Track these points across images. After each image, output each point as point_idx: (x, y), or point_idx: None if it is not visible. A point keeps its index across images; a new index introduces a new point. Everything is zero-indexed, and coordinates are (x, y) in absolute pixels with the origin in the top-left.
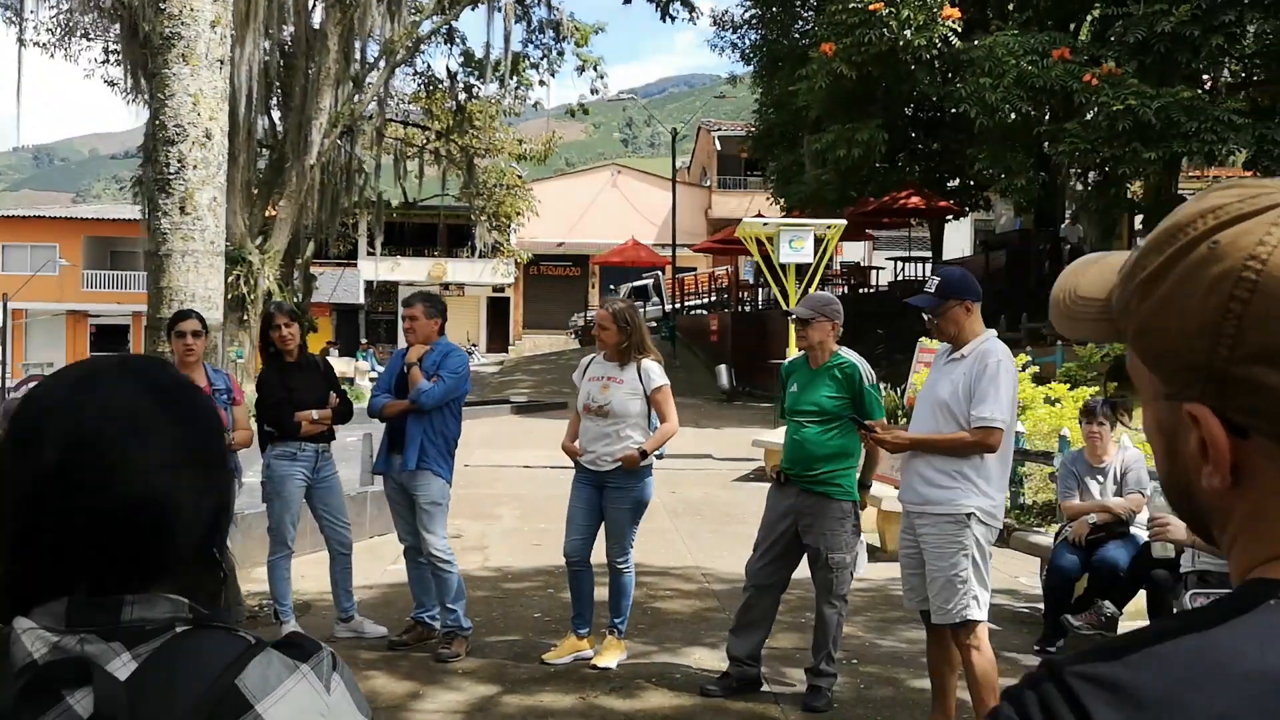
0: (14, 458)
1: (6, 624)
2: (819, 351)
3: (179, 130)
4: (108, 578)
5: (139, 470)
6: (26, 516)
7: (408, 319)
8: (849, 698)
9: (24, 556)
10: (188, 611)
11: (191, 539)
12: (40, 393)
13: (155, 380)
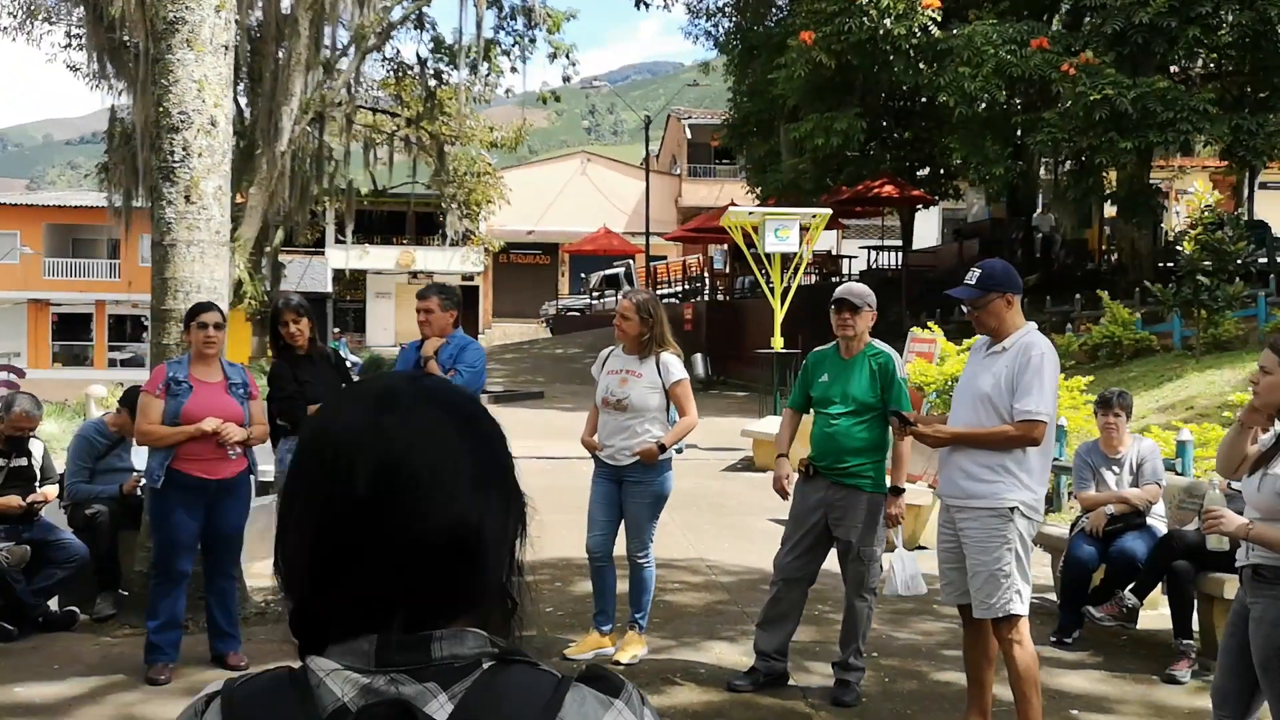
0: (321, 487)
1: (299, 662)
2: (857, 341)
3: (183, 117)
4: (421, 612)
5: (451, 497)
6: (334, 548)
7: (423, 311)
8: (875, 692)
9: (327, 591)
10: (490, 645)
11: (500, 568)
12: (337, 418)
13: (454, 401)
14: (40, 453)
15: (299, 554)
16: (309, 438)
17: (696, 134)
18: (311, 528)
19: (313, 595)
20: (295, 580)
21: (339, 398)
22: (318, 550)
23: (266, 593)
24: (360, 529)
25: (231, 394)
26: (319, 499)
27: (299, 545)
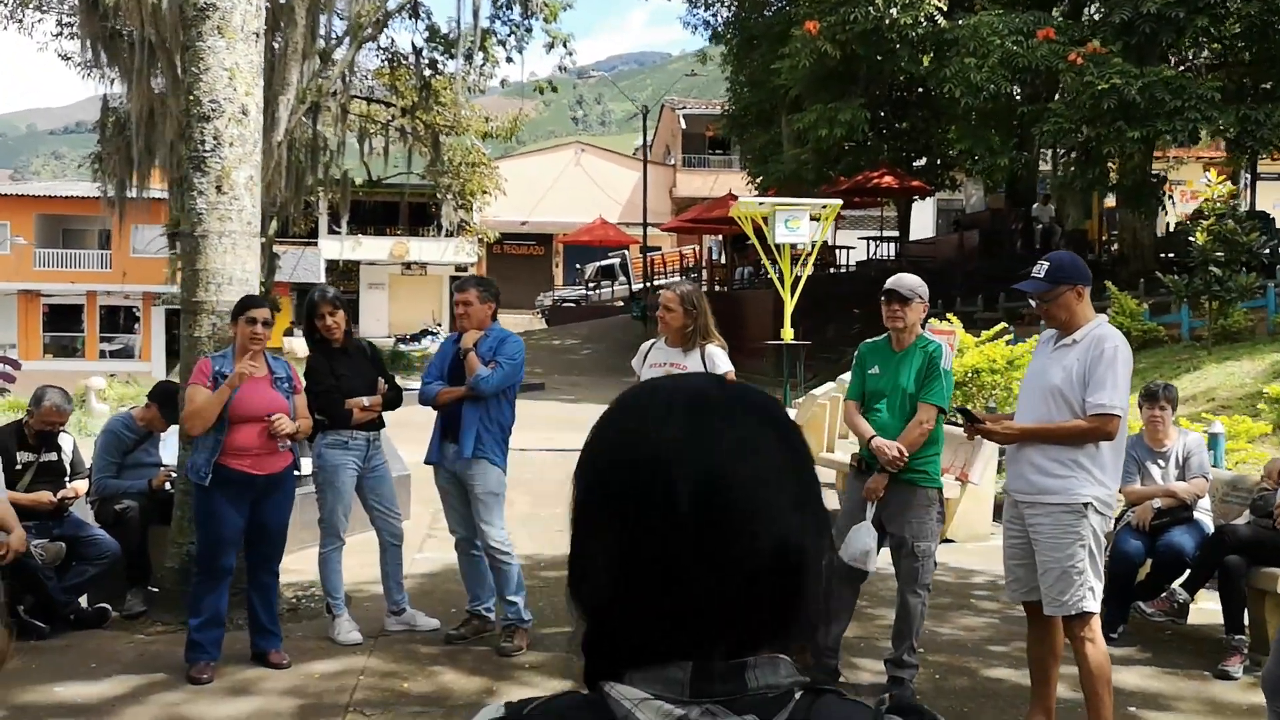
0: (632, 499)
1: (590, 688)
2: (908, 333)
3: (214, 106)
4: (739, 639)
5: (775, 515)
6: (648, 568)
7: (461, 304)
8: (927, 689)
9: (635, 613)
10: (798, 673)
11: (818, 591)
12: (643, 423)
13: (769, 409)
14: (70, 447)
15: (601, 571)
16: (611, 443)
17: (691, 124)
18: (620, 544)
19: (617, 617)
20: (594, 599)
21: (634, 400)
22: (627, 569)
23: (297, 589)
24: (680, 548)
25: (277, 388)
26: (629, 512)
27: (602, 562)
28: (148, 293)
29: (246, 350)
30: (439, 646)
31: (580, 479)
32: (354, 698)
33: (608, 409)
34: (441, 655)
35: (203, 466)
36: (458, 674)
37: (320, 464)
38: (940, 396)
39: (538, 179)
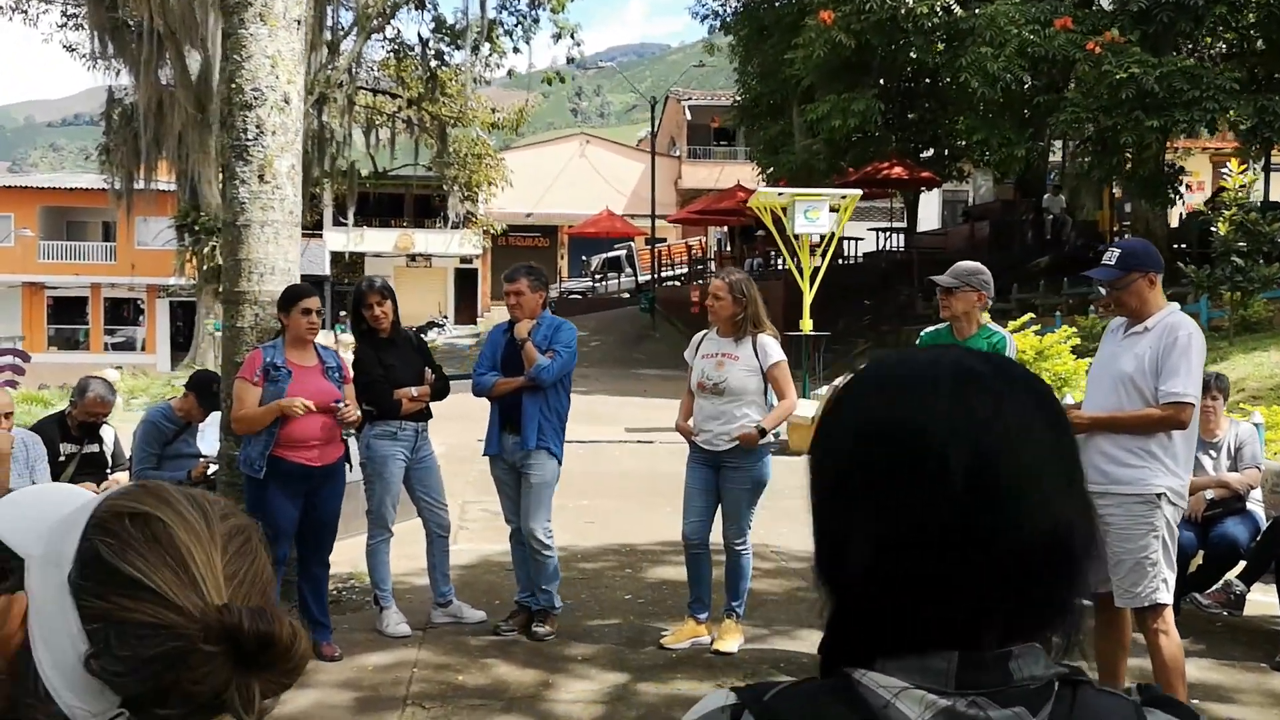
0: (899, 478)
1: (833, 675)
2: (964, 323)
3: (257, 94)
4: (1007, 629)
5: (1048, 498)
6: (914, 551)
7: (513, 294)
8: None
9: (896, 598)
10: (1056, 664)
11: (1087, 575)
12: (908, 399)
13: (1038, 386)
14: (111, 439)
15: (859, 548)
16: (872, 414)
17: (697, 115)
18: (884, 519)
19: (874, 598)
20: (847, 581)
21: (889, 371)
22: (890, 546)
23: (337, 580)
24: (951, 526)
25: (328, 378)
26: (897, 486)
27: (860, 538)
28: (152, 285)
29: (303, 341)
30: (487, 638)
31: (830, 451)
32: (410, 690)
33: (854, 381)
34: (492, 648)
35: (257, 459)
36: (511, 666)
37: (369, 455)
38: None
39: (542, 171)
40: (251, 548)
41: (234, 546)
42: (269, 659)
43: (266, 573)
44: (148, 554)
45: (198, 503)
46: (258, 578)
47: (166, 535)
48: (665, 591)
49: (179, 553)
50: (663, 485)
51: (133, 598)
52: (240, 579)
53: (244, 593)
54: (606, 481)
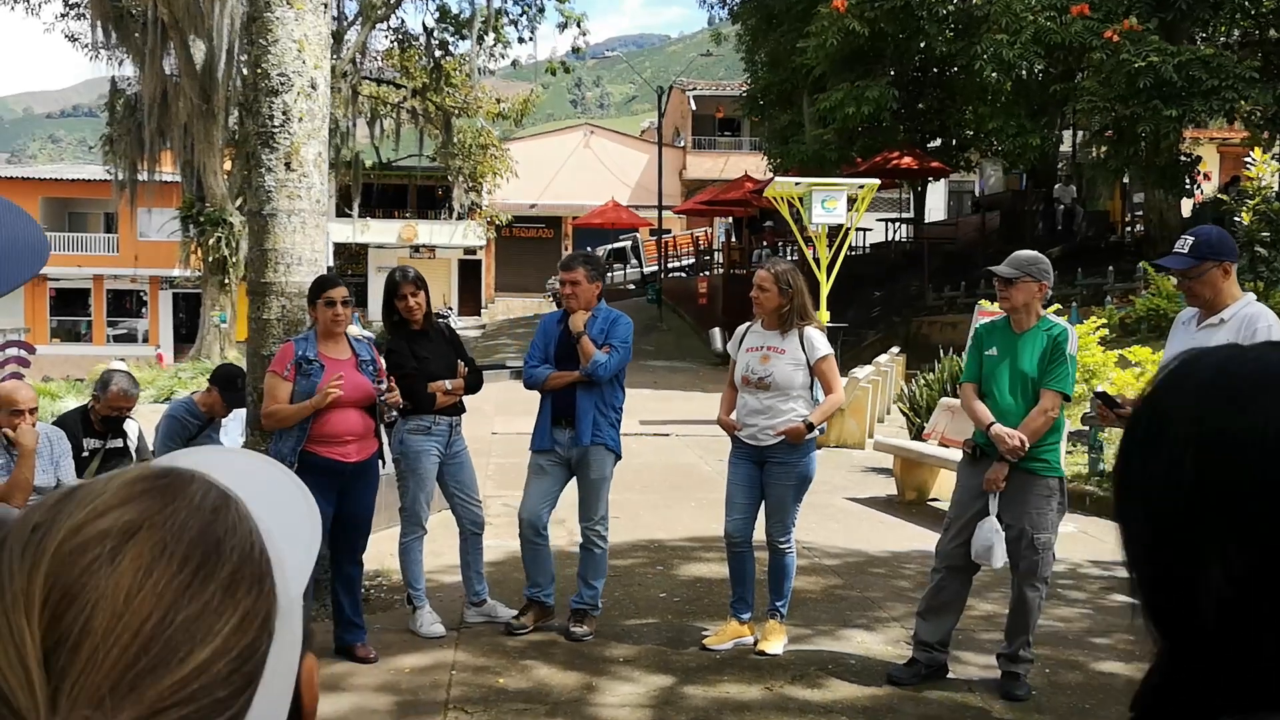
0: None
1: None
2: (1024, 315)
3: (283, 80)
4: None
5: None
6: None
7: (568, 284)
8: (1041, 684)
9: (1256, 638)
10: None
11: None
12: (1265, 406)
13: None
14: (136, 433)
15: (1213, 590)
16: (1226, 430)
17: (701, 105)
18: (1247, 552)
19: (1232, 647)
20: (1196, 626)
21: (1226, 377)
22: (1257, 583)
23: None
24: None
25: (362, 371)
26: (1263, 509)
27: (1216, 578)
28: (154, 276)
29: (330, 334)
30: (525, 639)
31: (1164, 476)
32: (451, 694)
33: (1168, 391)
34: (530, 648)
35: (288, 454)
36: (552, 668)
37: (403, 450)
38: (1066, 383)
39: (546, 161)
40: (84, 582)
41: (73, 576)
42: None
43: (167, 591)
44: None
45: (36, 536)
46: (122, 613)
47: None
48: (700, 590)
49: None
50: (682, 479)
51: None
52: (72, 639)
53: (77, 665)
54: (626, 475)
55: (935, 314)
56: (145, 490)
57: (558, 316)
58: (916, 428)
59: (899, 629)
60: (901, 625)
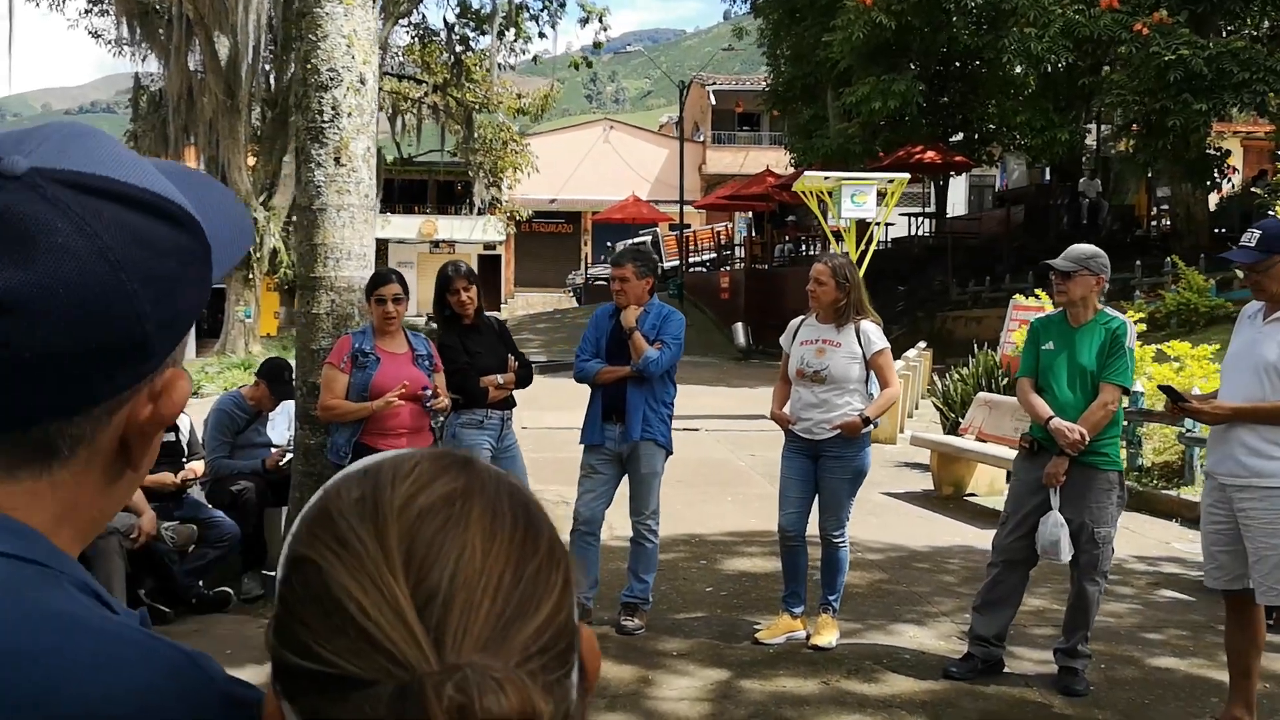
0: None
1: None
2: (1080, 308)
3: (333, 75)
4: None
5: None
6: None
7: (618, 280)
8: (1098, 680)
9: None
10: None
11: None
12: None
13: None
14: (188, 427)
15: None
16: None
17: (721, 100)
18: None
19: None
20: None
21: None
22: None
23: None
24: None
25: (418, 365)
26: None
27: None
28: None
29: (383, 331)
30: None
31: None
32: None
33: None
34: None
35: (344, 446)
36: (607, 662)
37: (456, 444)
38: (1125, 376)
39: (566, 156)
40: (462, 525)
41: (422, 549)
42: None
43: (497, 554)
44: (310, 620)
45: (369, 499)
46: (475, 575)
47: (321, 583)
48: (746, 584)
49: (339, 604)
50: (715, 474)
51: (319, 691)
52: (442, 597)
53: (454, 619)
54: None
55: (960, 309)
56: (452, 464)
57: (610, 310)
58: (951, 423)
59: (949, 624)
60: (951, 620)
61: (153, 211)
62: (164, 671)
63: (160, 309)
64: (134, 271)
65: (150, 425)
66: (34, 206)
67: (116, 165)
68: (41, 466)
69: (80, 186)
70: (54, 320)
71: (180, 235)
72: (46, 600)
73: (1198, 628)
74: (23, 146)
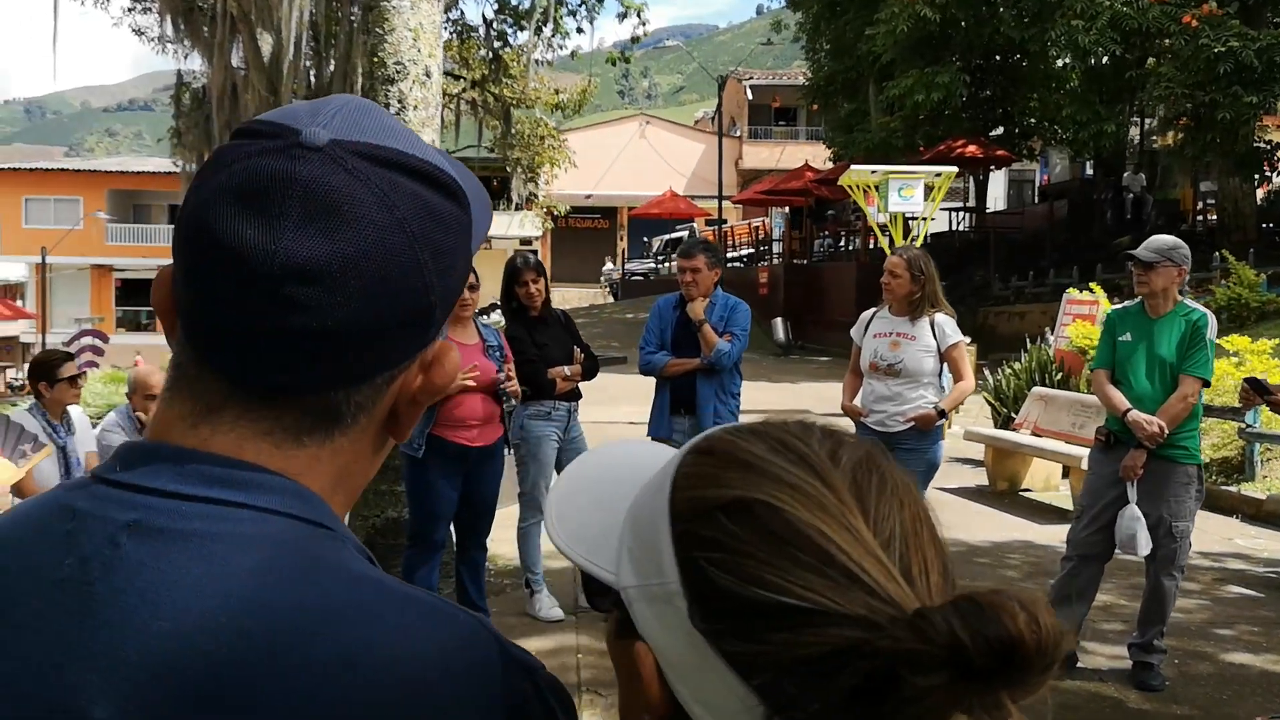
0: None
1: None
2: (1161, 300)
3: (399, 68)
4: None
5: None
6: None
7: (689, 271)
8: (1172, 675)
9: None
10: None
11: None
12: None
13: None
14: None
15: None
16: None
17: (758, 95)
18: None
19: None
20: None
21: None
22: None
23: None
24: None
25: (489, 356)
26: None
27: None
28: None
29: (457, 318)
30: None
31: None
32: (581, 678)
33: None
34: None
35: (416, 437)
36: None
37: (523, 436)
38: (1206, 368)
39: (602, 152)
40: (890, 485)
41: (872, 498)
42: (1016, 670)
43: (921, 511)
44: (773, 559)
45: (794, 452)
46: (917, 525)
47: (781, 523)
48: None
49: (809, 542)
50: None
51: (787, 628)
52: (899, 540)
53: (915, 559)
54: None
55: (1002, 304)
56: (832, 432)
57: (673, 301)
58: (1003, 417)
59: None
60: None
61: (437, 185)
62: (463, 635)
63: (443, 280)
64: (425, 243)
65: (421, 394)
66: (337, 178)
67: (404, 138)
68: (325, 433)
69: (376, 159)
70: (356, 290)
71: (456, 209)
72: (346, 563)
73: (1269, 624)
74: (318, 119)
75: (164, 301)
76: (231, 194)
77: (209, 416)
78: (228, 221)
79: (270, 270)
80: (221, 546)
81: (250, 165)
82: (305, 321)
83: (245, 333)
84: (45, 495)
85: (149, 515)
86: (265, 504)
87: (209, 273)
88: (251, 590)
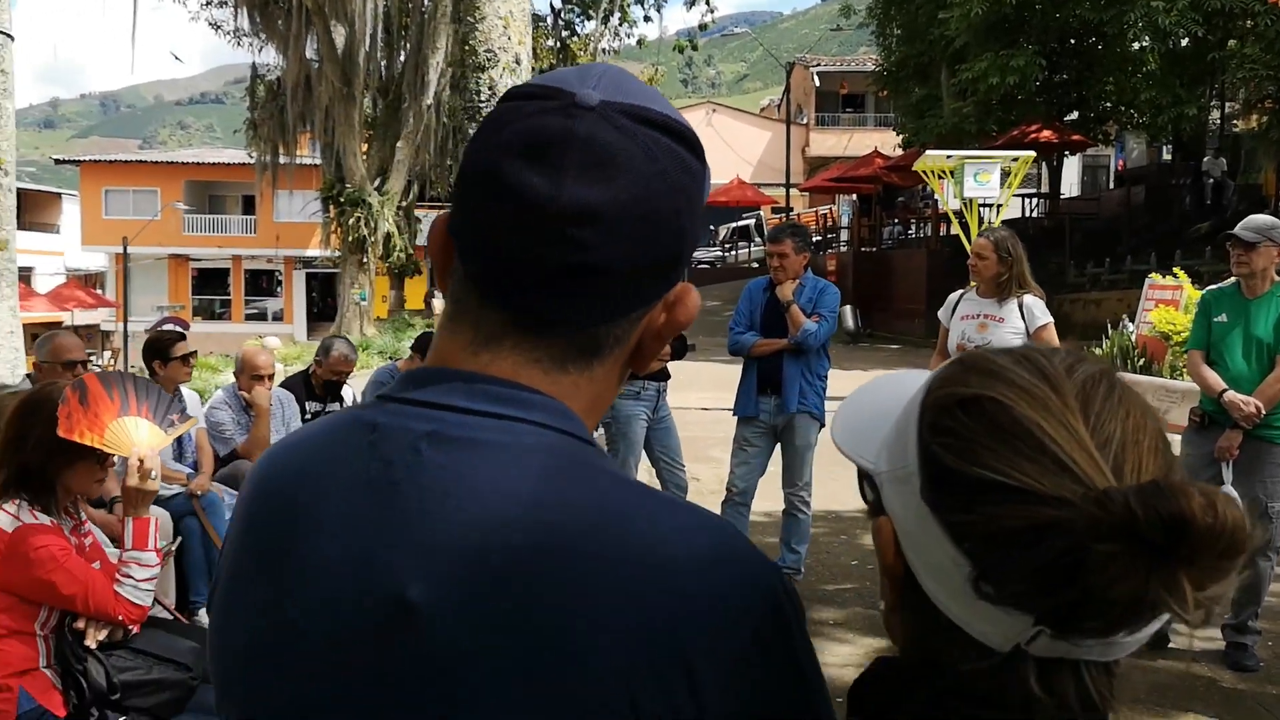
0: None
1: None
2: (1259, 280)
3: (489, 55)
4: None
5: None
6: None
7: (776, 255)
8: (1267, 656)
9: None
10: None
11: None
12: None
13: None
14: (352, 398)
15: None
16: None
17: (825, 82)
18: None
19: None
20: None
21: None
22: None
23: None
24: None
25: None
26: None
27: None
28: (289, 256)
29: None
30: None
31: None
32: None
33: None
34: None
35: None
36: None
37: (613, 415)
38: None
39: None
40: (1118, 397)
41: (1096, 404)
42: (1187, 547)
43: (1150, 425)
44: (994, 446)
45: (1033, 363)
46: (1139, 434)
47: (1007, 417)
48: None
49: (1028, 434)
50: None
51: (996, 503)
52: (1117, 443)
53: (1129, 460)
54: None
55: (1078, 291)
56: (1078, 354)
57: (763, 284)
58: None
59: None
60: None
61: (687, 142)
62: (726, 536)
63: (693, 227)
64: (681, 192)
65: (665, 329)
66: (610, 134)
67: (659, 100)
68: (586, 363)
69: (639, 117)
70: (627, 232)
71: (699, 163)
72: (612, 470)
73: None
74: (586, 83)
75: (440, 246)
76: (517, 147)
77: (489, 345)
78: (516, 172)
79: (556, 213)
80: (509, 454)
81: (532, 123)
82: (583, 259)
83: (530, 270)
84: (338, 415)
85: (444, 426)
86: (541, 419)
87: (498, 217)
88: (540, 489)
